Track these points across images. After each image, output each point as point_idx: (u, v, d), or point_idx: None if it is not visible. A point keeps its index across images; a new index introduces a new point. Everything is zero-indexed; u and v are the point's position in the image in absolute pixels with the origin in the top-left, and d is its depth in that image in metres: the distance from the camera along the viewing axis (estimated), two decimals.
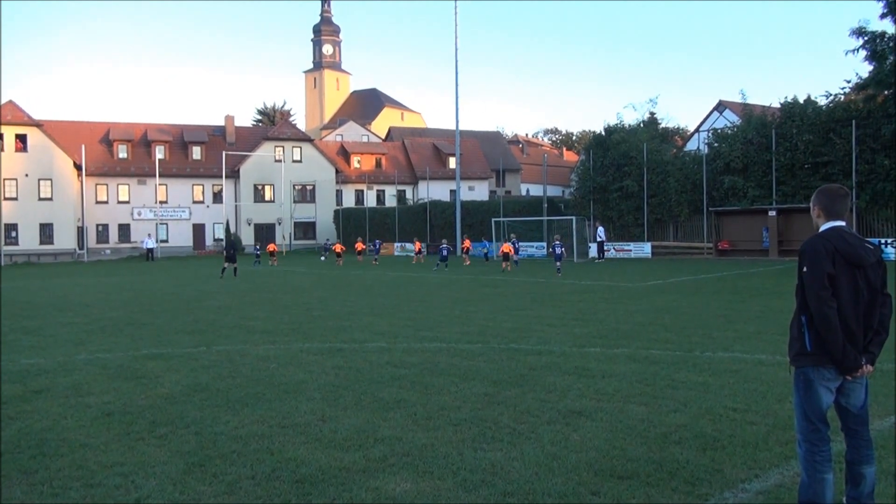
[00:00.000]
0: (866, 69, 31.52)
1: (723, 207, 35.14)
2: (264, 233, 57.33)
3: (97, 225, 55.93)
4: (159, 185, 56.16)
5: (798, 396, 3.82)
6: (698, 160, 37.67)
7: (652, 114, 47.59)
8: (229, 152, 57.28)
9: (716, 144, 37.28)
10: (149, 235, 53.92)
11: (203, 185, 58.53)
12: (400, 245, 49.42)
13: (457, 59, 44.38)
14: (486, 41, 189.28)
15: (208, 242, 58.56)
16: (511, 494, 4.41)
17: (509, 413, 6.32)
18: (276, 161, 58.70)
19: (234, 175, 58.29)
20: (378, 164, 64.98)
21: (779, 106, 35.18)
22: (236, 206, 58.73)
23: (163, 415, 6.52)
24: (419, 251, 40.20)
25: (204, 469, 5.01)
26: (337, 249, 40.54)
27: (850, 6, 60.39)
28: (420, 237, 43.87)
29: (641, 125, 44.50)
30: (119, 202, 56.41)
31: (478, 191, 62.93)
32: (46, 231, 51.78)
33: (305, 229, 60.80)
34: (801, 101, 34.01)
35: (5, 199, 50.35)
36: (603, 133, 42.02)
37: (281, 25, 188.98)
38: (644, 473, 4.72)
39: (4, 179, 50.41)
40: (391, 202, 60.12)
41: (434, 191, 58.38)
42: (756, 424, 5.80)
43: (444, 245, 32.90)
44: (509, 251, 29.02)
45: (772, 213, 32.71)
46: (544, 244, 39.59)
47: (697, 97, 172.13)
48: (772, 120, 34.89)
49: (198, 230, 58.49)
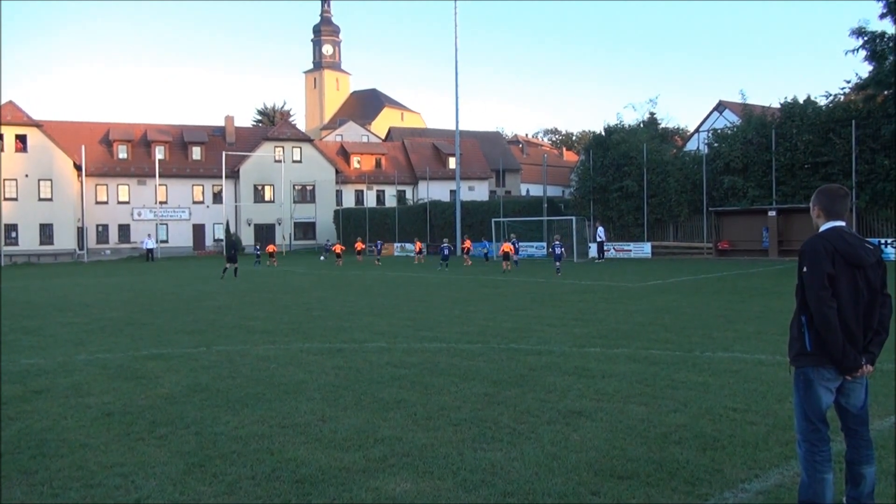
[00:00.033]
0: (866, 69, 31.57)
1: (723, 207, 35.15)
2: (264, 233, 57.31)
3: (97, 225, 55.90)
4: (159, 186, 56.16)
5: (798, 396, 3.82)
6: (698, 160, 37.67)
7: (652, 114, 47.64)
8: (229, 152, 57.29)
9: (716, 144, 37.27)
10: (149, 236, 53.93)
11: (203, 186, 58.52)
12: (400, 245, 49.42)
13: (457, 59, 44.42)
14: (486, 41, 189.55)
15: (208, 243, 58.55)
16: (511, 494, 4.41)
17: (509, 413, 6.32)
18: (276, 161, 58.70)
19: (234, 175, 58.29)
20: (378, 165, 64.99)
21: (779, 106, 35.18)
22: (236, 207, 58.73)
23: (163, 415, 6.52)
24: (420, 251, 40.22)
25: (204, 469, 5.01)
26: (337, 250, 40.58)
27: (850, 6, 60.47)
28: (420, 237, 43.85)
29: (641, 125, 44.52)
30: (119, 202, 56.39)
31: (478, 191, 62.92)
32: (46, 231, 51.76)
33: (305, 229, 60.79)
34: (801, 102, 34.01)
35: (5, 200, 50.33)
36: (603, 133, 42.01)
37: (281, 25, 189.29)
38: (644, 473, 4.72)
39: (4, 180, 50.39)
40: (391, 202, 60.12)
41: (434, 191, 58.39)
42: (756, 424, 5.80)
43: (445, 244, 33.04)
44: (510, 251, 29.04)
45: (772, 213, 32.71)
46: (544, 244, 39.58)
47: (697, 97, 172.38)
48: (772, 120, 34.90)
49: (198, 230, 58.48)
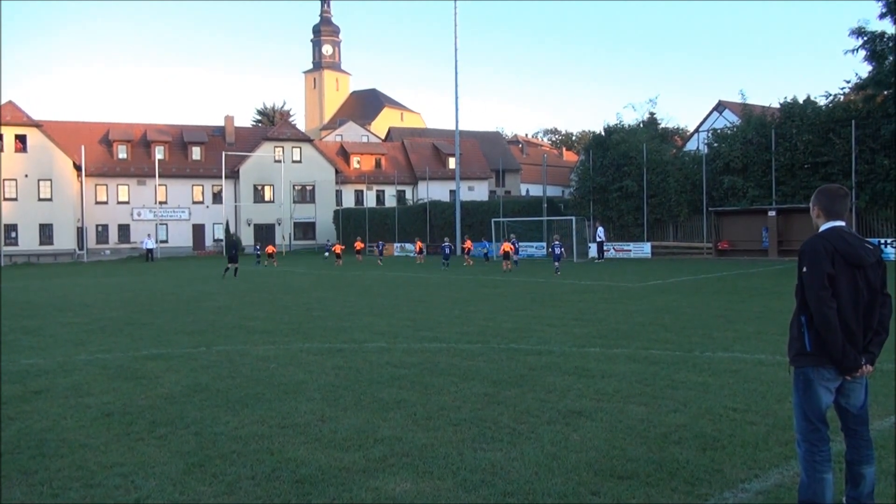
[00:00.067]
0: (866, 69, 31.58)
1: (722, 207, 35.15)
2: (264, 233, 57.31)
3: (97, 225, 55.91)
4: (159, 186, 56.18)
5: (797, 396, 3.82)
6: (698, 160, 37.68)
7: (652, 114, 47.67)
8: (229, 153, 57.32)
9: (715, 144, 37.28)
10: (148, 236, 53.93)
11: (203, 186, 58.51)
12: (400, 245, 49.42)
13: (456, 59, 44.43)
14: (486, 41, 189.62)
15: (208, 243, 58.54)
16: (511, 494, 4.41)
17: (509, 413, 6.32)
18: (276, 161, 58.69)
19: (234, 175, 58.29)
20: (378, 165, 64.98)
21: (778, 106, 35.19)
22: (236, 207, 58.72)
23: (163, 415, 6.52)
24: (420, 251, 40.26)
25: (204, 469, 5.00)
26: (336, 250, 40.61)
27: (850, 6, 60.40)
28: (420, 237, 43.86)
29: (641, 125, 44.54)
30: (119, 203, 56.39)
31: (477, 191, 62.93)
32: (46, 231, 51.76)
33: (305, 230, 60.79)
34: (801, 102, 34.02)
35: (5, 200, 50.34)
36: (603, 133, 42.01)
37: (281, 25, 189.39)
38: (644, 473, 4.72)
39: (4, 180, 50.39)
40: (391, 202, 60.12)
41: (434, 191, 58.40)
42: (756, 424, 5.80)
43: (447, 243, 33.19)
44: (510, 250, 29.06)
45: (771, 214, 32.70)
46: (544, 244, 39.59)
47: (697, 97, 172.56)
48: (771, 120, 34.90)
49: (197, 230, 58.47)
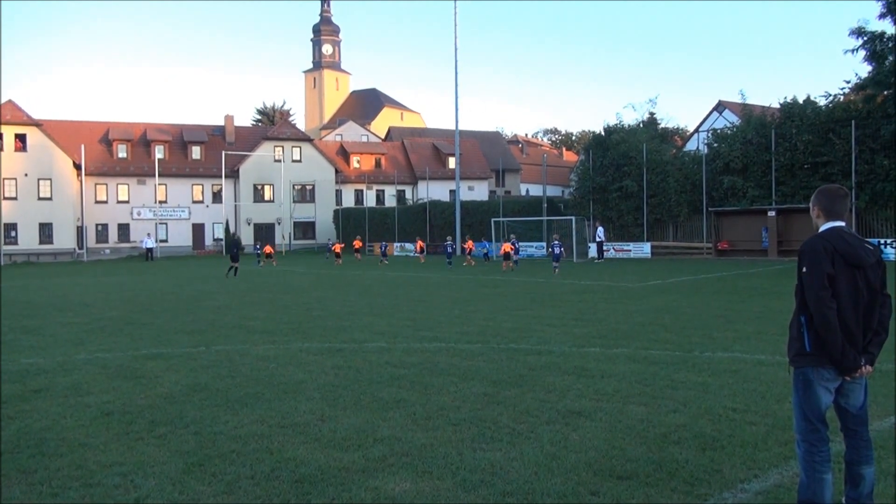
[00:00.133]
0: (866, 69, 31.58)
1: (722, 208, 35.16)
2: (264, 233, 57.30)
3: (97, 225, 55.88)
4: (159, 185, 56.17)
5: (797, 397, 3.82)
6: (698, 160, 37.68)
7: (651, 114, 47.70)
8: (229, 152, 57.30)
9: (715, 144, 37.28)
10: (148, 235, 53.91)
11: (202, 185, 58.50)
12: (400, 245, 49.45)
13: (456, 59, 44.33)
14: (486, 41, 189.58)
15: (208, 242, 58.53)
16: (510, 494, 4.41)
17: (509, 413, 6.32)
18: (276, 161, 58.68)
19: (234, 175, 58.28)
20: (378, 164, 64.97)
21: (778, 106, 35.20)
22: (236, 206, 58.71)
23: (162, 414, 6.52)
24: (421, 250, 40.30)
25: (203, 469, 5.01)
26: (336, 249, 40.63)
27: (850, 6, 60.31)
28: (420, 237, 43.91)
29: (641, 125, 44.55)
30: (118, 202, 56.36)
31: (477, 191, 62.92)
32: (46, 231, 51.75)
33: (305, 229, 60.78)
34: (801, 102, 34.03)
35: (5, 199, 50.32)
36: (602, 133, 42.01)
37: (281, 25, 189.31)
38: (643, 473, 4.72)
39: (4, 179, 50.37)
40: (391, 202, 60.12)
41: (434, 191, 58.39)
42: (755, 424, 5.80)
43: (449, 242, 33.27)
44: (510, 250, 29.08)
45: (771, 214, 32.71)
46: (544, 244, 39.60)
47: (697, 97, 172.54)
48: (771, 120, 34.90)
49: (197, 230, 58.46)
